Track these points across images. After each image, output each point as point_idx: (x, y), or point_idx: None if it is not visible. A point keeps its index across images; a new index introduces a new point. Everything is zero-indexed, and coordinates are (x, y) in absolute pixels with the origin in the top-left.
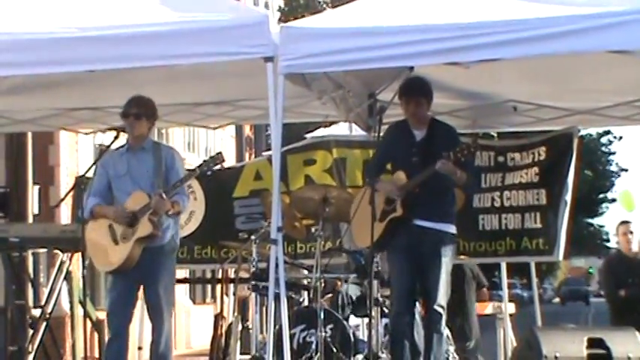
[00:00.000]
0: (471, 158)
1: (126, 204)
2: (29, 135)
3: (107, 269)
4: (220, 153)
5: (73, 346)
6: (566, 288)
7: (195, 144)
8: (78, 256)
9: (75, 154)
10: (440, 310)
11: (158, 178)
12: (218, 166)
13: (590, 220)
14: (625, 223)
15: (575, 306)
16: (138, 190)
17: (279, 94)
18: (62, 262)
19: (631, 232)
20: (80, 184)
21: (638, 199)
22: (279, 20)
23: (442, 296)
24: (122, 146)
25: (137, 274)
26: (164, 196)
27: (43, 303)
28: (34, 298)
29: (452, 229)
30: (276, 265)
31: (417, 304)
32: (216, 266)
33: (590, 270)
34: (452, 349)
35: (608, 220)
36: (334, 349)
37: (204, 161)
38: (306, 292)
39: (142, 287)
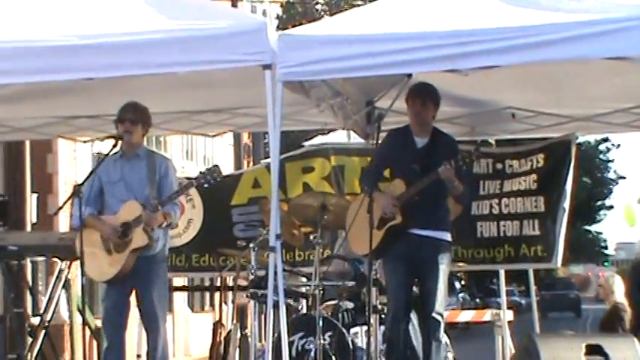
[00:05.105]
0: (470, 167)
1: (119, 213)
2: (27, 143)
3: (102, 279)
4: (217, 166)
5: (72, 354)
6: (548, 293)
7: (193, 152)
8: (76, 264)
9: (73, 162)
10: (438, 317)
11: (151, 186)
12: (216, 179)
13: (588, 228)
14: None
15: (559, 319)
16: (132, 200)
17: (278, 102)
18: (61, 270)
19: None
20: (78, 192)
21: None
22: (277, 28)
23: (440, 304)
24: (116, 153)
25: (130, 283)
26: (159, 207)
27: (42, 311)
28: (32, 306)
29: (448, 236)
30: (275, 273)
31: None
32: (214, 274)
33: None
34: (450, 356)
35: (606, 228)
36: (333, 357)
37: (202, 173)
38: (304, 300)
39: (135, 295)
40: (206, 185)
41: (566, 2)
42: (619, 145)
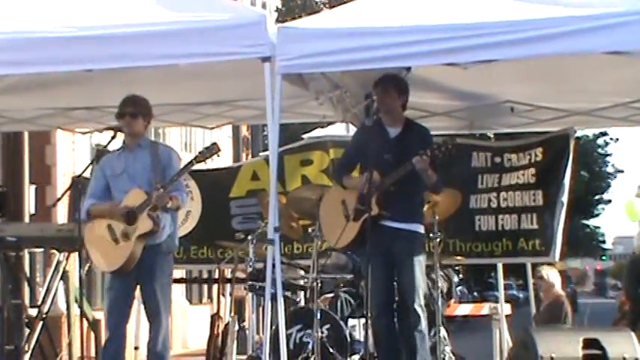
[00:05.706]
0: (447, 155)
1: (123, 202)
2: (26, 134)
3: (110, 269)
4: (216, 143)
5: (70, 345)
6: None
7: (192, 144)
8: (74, 255)
9: (71, 154)
10: (419, 310)
11: (155, 174)
12: (214, 156)
13: (586, 222)
14: None
15: None
16: (135, 188)
17: (277, 95)
18: (59, 262)
19: None
20: (77, 183)
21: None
22: (277, 20)
23: (419, 296)
24: (119, 148)
25: (134, 274)
26: (163, 190)
27: (39, 302)
28: (30, 297)
29: (421, 229)
30: (273, 266)
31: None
32: (212, 266)
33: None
34: (448, 349)
35: (604, 222)
36: (330, 350)
37: (200, 152)
38: (302, 293)
39: (138, 286)
40: (206, 162)
41: None
42: (617, 139)
